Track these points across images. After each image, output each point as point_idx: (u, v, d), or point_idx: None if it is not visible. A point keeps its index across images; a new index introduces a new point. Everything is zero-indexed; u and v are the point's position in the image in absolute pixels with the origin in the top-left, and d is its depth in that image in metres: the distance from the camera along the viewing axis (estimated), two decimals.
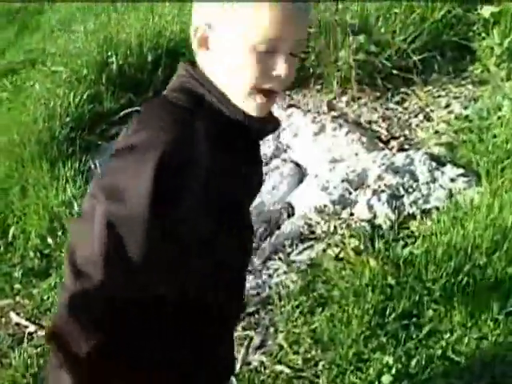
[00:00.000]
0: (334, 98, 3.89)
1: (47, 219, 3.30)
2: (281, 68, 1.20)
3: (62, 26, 5.38)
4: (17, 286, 3.20)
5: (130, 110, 4.22)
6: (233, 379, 2.28)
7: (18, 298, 3.16)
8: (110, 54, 4.58)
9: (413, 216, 2.90)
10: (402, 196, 2.99)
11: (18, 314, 3.09)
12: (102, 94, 4.29)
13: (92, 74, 4.41)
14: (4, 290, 3.20)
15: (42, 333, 2.97)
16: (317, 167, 3.37)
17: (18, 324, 3.05)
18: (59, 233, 3.21)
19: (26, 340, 2.86)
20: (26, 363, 2.65)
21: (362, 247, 2.75)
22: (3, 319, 3.05)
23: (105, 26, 4.94)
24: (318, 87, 4.00)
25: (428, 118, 3.61)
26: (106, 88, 4.33)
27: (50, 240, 3.24)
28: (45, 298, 3.10)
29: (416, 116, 3.65)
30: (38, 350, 2.78)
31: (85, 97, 4.16)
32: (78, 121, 4.00)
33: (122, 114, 4.17)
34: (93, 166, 3.59)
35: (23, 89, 4.57)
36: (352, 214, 2.98)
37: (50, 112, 4.00)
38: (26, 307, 3.11)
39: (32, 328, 3.01)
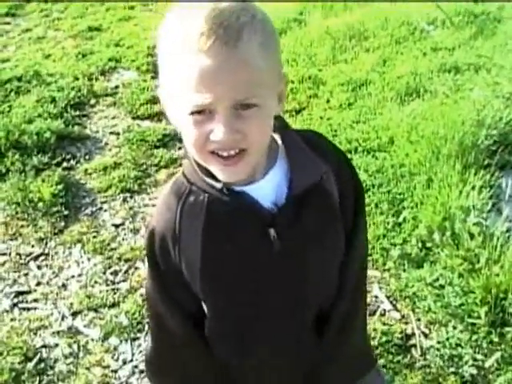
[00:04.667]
0: None
1: (441, 216, 3.34)
2: (217, 131, 1.16)
3: None
4: (389, 263, 3.33)
5: None
6: None
7: (385, 274, 3.31)
8: None
9: None
10: None
11: (380, 287, 3.25)
12: None
13: None
14: (377, 261, 3.37)
15: (395, 314, 3.09)
16: None
17: (376, 296, 3.22)
18: (448, 232, 3.22)
19: None
20: None
21: None
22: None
23: None
24: None
25: None
26: None
27: (436, 235, 3.28)
28: (409, 285, 3.18)
29: None
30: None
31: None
32: (503, 137, 3.92)
33: None
34: (504, 184, 3.52)
35: (461, 89, 4.65)
36: None
37: (479, 119, 3.99)
38: (390, 286, 3.24)
39: (386, 306, 3.15)
